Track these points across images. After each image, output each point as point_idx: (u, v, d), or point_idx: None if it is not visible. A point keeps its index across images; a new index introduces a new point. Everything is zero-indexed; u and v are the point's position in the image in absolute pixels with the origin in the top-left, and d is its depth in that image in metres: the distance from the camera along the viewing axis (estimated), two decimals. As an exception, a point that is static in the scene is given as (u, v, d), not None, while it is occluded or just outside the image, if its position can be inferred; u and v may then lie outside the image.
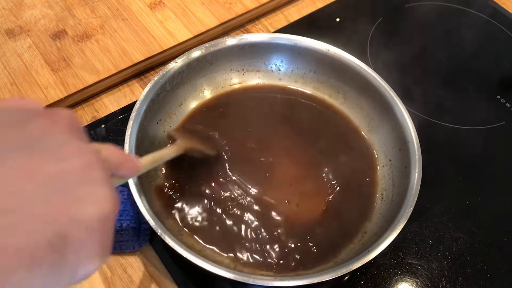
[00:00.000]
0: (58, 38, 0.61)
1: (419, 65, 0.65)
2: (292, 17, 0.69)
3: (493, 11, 0.73)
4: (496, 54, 0.69)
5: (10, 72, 0.57)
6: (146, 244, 0.47)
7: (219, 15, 0.65)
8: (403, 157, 0.49)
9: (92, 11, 0.65)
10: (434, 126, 0.59)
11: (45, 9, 0.64)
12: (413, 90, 0.61)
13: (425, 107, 0.60)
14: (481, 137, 0.59)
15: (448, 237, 0.51)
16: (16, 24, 0.62)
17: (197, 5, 0.66)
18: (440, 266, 0.49)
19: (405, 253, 0.49)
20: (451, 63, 0.67)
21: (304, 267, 0.45)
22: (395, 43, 0.67)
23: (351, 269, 0.40)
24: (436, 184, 0.53)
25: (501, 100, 0.63)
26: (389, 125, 0.52)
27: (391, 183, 0.50)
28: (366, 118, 0.55)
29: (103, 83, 0.58)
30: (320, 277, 0.39)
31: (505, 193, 0.55)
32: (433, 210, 0.52)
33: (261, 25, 0.68)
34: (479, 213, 0.53)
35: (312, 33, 0.57)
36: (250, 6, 0.66)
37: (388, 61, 0.64)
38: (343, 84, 0.56)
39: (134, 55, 0.60)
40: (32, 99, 0.24)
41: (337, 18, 0.70)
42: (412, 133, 0.49)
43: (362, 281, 0.47)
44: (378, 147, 0.53)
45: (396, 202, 0.46)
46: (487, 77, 0.66)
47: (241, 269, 0.44)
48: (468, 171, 0.56)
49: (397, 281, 0.48)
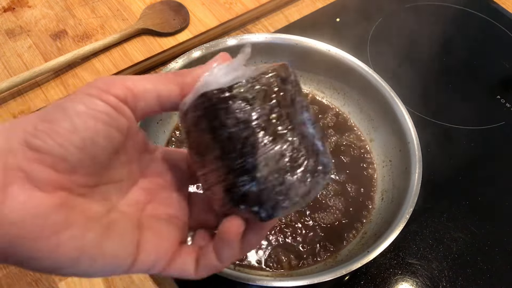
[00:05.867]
0: (58, 38, 0.61)
1: (419, 65, 0.65)
2: (292, 17, 0.69)
3: (493, 11, 0.73)
4: (496, 54, 0.69)
5: (11, 72, 0.57)
6: None
7: (219, 15, 0.65)
8: (404, 158, 0.49)
9: (93, 11, 0.65)
10: (434, 126, 0.59)
11: (45, 9, 0.64)
12: (413, 90, 0.61)
13: (425, 107, 0.60)
14: (481, 137, 0.59)
15: (448, 237, 0.51)
16: (16, 24, 0.62)
17: (197, 5, 0.66)
18: (440, 266, 0.49)
19: (405, 253, 0.49)
20: (451, 63, 0.67)
21: (304, 267, 0.45)
22: (395, 43, 0.67)
23: (351, 269, 0.40)
24: (436, 185, 0.53)
25: (501, 100, 0.63)
26: (389, 126, 0.52)
27: (391, 184, 0.50)
28: (366, 118, 0.55)
29: (103, 83, 0.58)
30: (320, 277, 0.39)
31: (505, 193, 0.55)
32: (433, 210, 0.52)
33: (261, 25, 0.68)
34: (479, 213, 0.53)
35: (312, 33, 0.57)
36: (250, 6, 0.67)
37: (388, 61, 0.64)
38: (343, 85, 0.56)
39: (134, 55, 0.60)
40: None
41: (337, 18, 0.70)
42: (413, 134, 0.49)
43: (362, 281, 0.47)
44: (379, 147, 0.53)
45: (396, 203, 0.46)
46: (487, 77, 0.66)
47: (240, 269, 0.44)
48: (468, 171, 0.56)
49: (397, 281, 0.48)
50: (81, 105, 0.23)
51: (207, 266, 0.27)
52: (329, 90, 0.57)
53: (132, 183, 0.28)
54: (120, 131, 0.24)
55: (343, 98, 0.57)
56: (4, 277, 0.44)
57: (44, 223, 0.21)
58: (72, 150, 0.22)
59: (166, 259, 0.26)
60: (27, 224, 0.21)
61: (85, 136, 0.23)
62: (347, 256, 0.45)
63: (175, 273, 0.27)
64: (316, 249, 0.46)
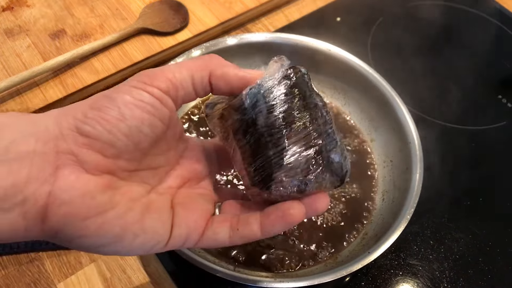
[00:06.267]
0: (57, 37, 0.61)
1: (420, 65, 0.65)
2: (292, 17, 0.68)
3: (495, 11, 0.73)
4: (498, 53, 0.69)
5: (9, 72, 0.57)
6: None
7: (219, 15, 0.65)
8: (404, 158, 0.49)
9: (92, 11, 0.65)
10: (435, 126, 0.59)
11: (44, 8, 0.64)
12: (414, 90, 0.61)
13: (426, 107, 0.60)
14: (482, 137, 0.59)
15: (449, 238, 0.50)
16: (15, 23, 0.62)
17: (197, 5, 0.66)
18: (441, 267, 0.48)
19: (406, 254, 0.49)
20: (452, 63, 0.66)
21: (304, 268, 0.45)
22: (395, 43, 0.67)
23: (352, 270, 0.40)
24: (437, 185, 0.53)
25: (503, 100, 0.63)
26: (390, 126, 0.52)
27: (392, 184, 0.50)
28: (367, 118, 0.55)
29: (103, 83, 0.58)
30: (321, 278, 0.39)
31: (506, 193, 0.55)
32: (434, 211, 0.52)
33: (261, 24, 0.67)
34: (480, 214, 0.53)
35: (312, 32, 0.57)
36: (250, 5, 0.66)
37: (389, 60, 0.64)
38: (344, 84, 0.56)
39: (134, 55, 0.60)
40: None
41: (338, 18, 0.69)
42: (414, 134, 0.49)
43: (363, 282, 0.47)
44: (379, 147, 0.53)
45: (397, 203, 0.46)
46: (488, 76, 0.66)
47: (240, 270, 0.44)
48: (469, 171, 0.56)
49: (398, 282, 0.47)
50: (128, 96, 0.25)
51: (247, 235, 0.29)
52: (330, 90, 0.57)
53: (169, 169, 0.30)
54: (162, 121, 0.26)
55: (343, 97, 0.57)
56: (3, 278, 0.44)
57: (91, 203, 0.24)
58: (119, 137, 0.24)
59: (198, 231, 0.28)
60: (76, 203, 0.23)
61: (132, 124, 0.25)
62: (348, 257, 0.45)
63: (209, 243, 0.29)
64: (316, 250, 0.46)
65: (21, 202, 0.22)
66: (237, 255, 0.45)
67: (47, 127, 0.24)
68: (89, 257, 0.46)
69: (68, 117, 0.24)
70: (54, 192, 0.23)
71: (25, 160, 0.22)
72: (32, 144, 0.23)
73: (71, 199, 0.23)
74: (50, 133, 0.24)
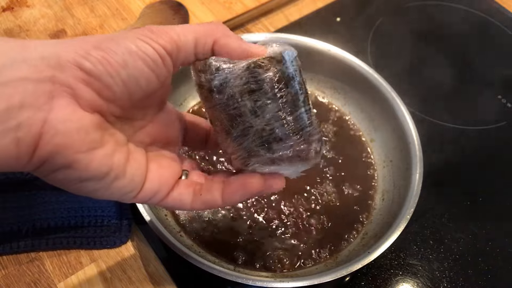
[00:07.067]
0: (57, 37, 0.61)
1: (420, 65, 0.65)
2: (292, 17, 0.69)
3: (494, 11, 0.73)
4: (497, 53, 0.69)
5: (9, 72, 0.57)
6: (127, 240, 0.47)
7: (219, 15, 0.65)
8: (404, 158, 0.49)
9: (92, 11, 0.65)
10: (435, 126, 0.59)
11: (44, 8, 0.64)
12: (414, 90, 0.61)
13: (426, 107, 0.60)
14: (482, 137, 0.59)
15: (449, 238, 0.50)
16: (15, 23, 0.62)
17: (196, 5, 0.66)
18: (441, 266, 0.48)
19: (406, 254, 0.49)
20: (452, 63, 0.66)
21: (304, 268, 0.45)
22: (395, 43, 0.67)
23: (352, 270, 0.40)
24: (437, 185, 0.53)
25: (502, 100, 0.63)
26: (390, 126, 0.52)
27: (392, 184, 0.50)
28: (367, 118, 0.55)
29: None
30: (321, 278, 0.39)
31: (506, 193, 0.55)
32: (434, 211, 0.52)
33: (261, 24, 0.68)
34: (480, 214, 0.53)
35: (312, 32, 0.57)
36: (250, 5, 0.66)
37: (389, 61, 0.64)
38: (343, 84, 0.56)
39: (134, 55, 0.60)
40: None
41: (338, 18, 0.69)
42: (414, 134, 0.49)
43: (363, 282, 0.47)
44: (379, 147, 0.53)
45: (397, 203, 0.46)
46: (488, 77, 0.66)
47: (240, 270, 0.44)
48: (469, 172, 0.56)
49: (398, 282, 0.47)
50: (133, 46, 0.25)
51: (208, 201, 0.30)
52: (330, 90, 0.57)
53: (143, 125, 0.31)
54: (159, 79, 0.27)
55: (343, 98, 0.57)
56: (3, 278, 0.44)
57: (85, 137, 0.24)
58: (118, 82, 0.25)
59: (167, 188, 0.29)
60: (71, 136, 0.23)
61: (131, 74, 0.25)
62: (348, 257, 0.45)
63: (173, 203, 0.30)
64: (316, 250, 0.46)
65: (15, 128, 0.22)
66: (237, 255, 0.45)
67: (43, 55, 0.23)
68: (90, 257, 0.46)
69: (68, 49, 0.24)
70: (50, 121, 0.23)
71: (18, 86, 0.22)
72: (24, 70, 0.22)
73: (66, 131, 0.23)
74: (46, 62, 0.23)
